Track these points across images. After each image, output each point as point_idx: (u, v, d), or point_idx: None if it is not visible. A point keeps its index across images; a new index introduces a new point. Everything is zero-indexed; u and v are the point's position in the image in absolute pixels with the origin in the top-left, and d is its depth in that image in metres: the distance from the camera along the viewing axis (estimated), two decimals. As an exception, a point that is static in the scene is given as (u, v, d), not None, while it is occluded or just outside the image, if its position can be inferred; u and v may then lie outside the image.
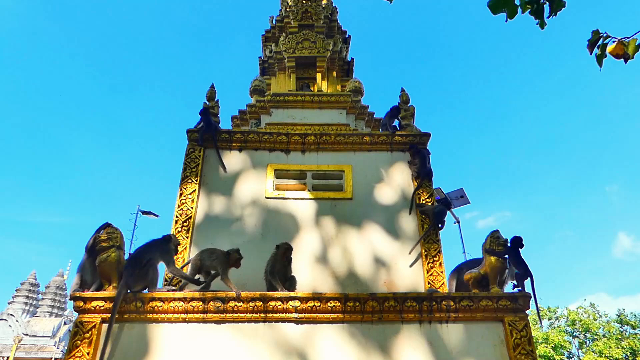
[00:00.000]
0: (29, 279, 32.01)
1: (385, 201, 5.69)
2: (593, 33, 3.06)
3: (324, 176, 5.90)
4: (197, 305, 4.22)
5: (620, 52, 2.95)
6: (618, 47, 2.96)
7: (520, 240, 4.93)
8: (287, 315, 4.28)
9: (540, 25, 3.35)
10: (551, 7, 3.27)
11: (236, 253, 4.58)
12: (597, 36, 3.05)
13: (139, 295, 4.26)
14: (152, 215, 19.56)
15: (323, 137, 6.06)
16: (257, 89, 7.20)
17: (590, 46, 3.09)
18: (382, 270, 5.20)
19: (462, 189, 14.94)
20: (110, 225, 4.70)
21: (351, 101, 6.93)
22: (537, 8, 3.29)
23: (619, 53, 2.95)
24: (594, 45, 3.07)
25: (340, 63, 8.08)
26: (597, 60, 3.06)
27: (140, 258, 4.44)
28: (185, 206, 5.45)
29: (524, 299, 4.41)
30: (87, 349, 4.02)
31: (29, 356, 26.19)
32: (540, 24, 3.35)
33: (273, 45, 8.19)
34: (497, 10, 3.29)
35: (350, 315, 4.30)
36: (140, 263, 4.41)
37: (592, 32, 3.06)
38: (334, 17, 8.56)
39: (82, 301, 4.20)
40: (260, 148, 6.02)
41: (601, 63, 3.06)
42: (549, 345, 24.53)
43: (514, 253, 4.87)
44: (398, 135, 6.12)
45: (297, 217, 5.54)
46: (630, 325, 26.46)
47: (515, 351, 4.17)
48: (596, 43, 3.06)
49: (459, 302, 4.36)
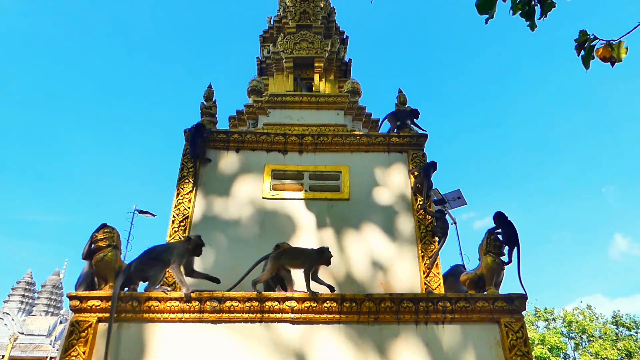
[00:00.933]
0: (25, 277, 31.93)
1: (382, 202, 5.70)
2: (580, 33, 2.99)
3: (321, 177, 5.90)
4: (193, 305, 4.22)
5: (607, 55, 2.87)
6: (605, 50, 2.88)
7: (503, 216, 5.01)
8: (283, 316, 4.28)
9: (530, 27, 3.32)
10: (542, 8, 3.24)
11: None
12: (584, 37, 2.98)
13: (135, 295, 4.25)
14: (149, 214, 19.53)
15: (320, 138, 6.06)
16: (255, 89, 7.20)
17: (577, 47, 3.01)
18: (378, 271, 5.21)
19: (459, 190, 14.92)
20: (107, 225, 4.68)
21: (349, 102, 6.93)
22: (528, 10, 3.27)
23: (606, 56, 2.87)
24: (581, 46, 3.00)
25: (337, 64, 8.09)
26: (583, 62, 2.99)
27: (154, 251, 4.44)
28: (182, 206, 5.44)
29: (520, 300, 4.42)
30: (82, 348, 4.01)
31: (24, 355, 26.11)
32: (531, 26, 3.32)
33: (271, 45, 8.20)
34: (484, 10, 3.25)
35: (347, 315, 4.31)
36: (150, 255, 4.40)
37: (579, 32, 3.00)
38: (331, 18, 8.57)
39: (78, 300, 4.19)
40: (257, 148, 6.02)
41: (588, 65, 2.98)
42: (545, 346, 24.59)
43: (502, 226, 4.97)
44: (395, 137, 6.12)
45: (294, 218, 5.55)
46: (625, 327, 26.55)
47: (511, 352, 4.18)
48: (584, 44, 2.99)
49: (455, 303, 4.37)
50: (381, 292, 4.92)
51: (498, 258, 4.72)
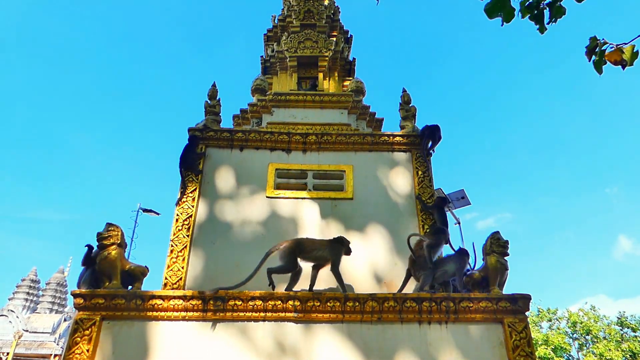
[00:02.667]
0: (29, 275, 32.12)
1: (386, 201, 5.69)
2: (591, 40, 3.04)
3: (324, 176, 5.90)
4: (196, 303, 4.23)
5: (617, 58, 2.93)
6: (616, 53, 2.94)
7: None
8: (286, 315, 4.28)
9: (540, 30, 3.34)
10: (551, 12, 3.25)
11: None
12: (594, 43, 3.03)
13: (138, 293, 4.27)
14: (153, 213, 19.61)
15: (324, 137, 6.06)
16: (259, 88, 7.20)
17: (588, 53, 3.07)
18: (382, 270, 5.21)
19: (462, 190, 14.95)
20: (111, 223, 4.70)
21: (353, 101, 6.92)
22: (537, 14, 3.28)
23: (617, 59, 2.93)
24: (592, 52, 3.06)
25: (342, 63, 8.08)
26: (595, 67, 3.04)
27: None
28: (186, 204, 5.45)
29: (524, 300, 4.41)
30: (86, 346, 4.03)
31: (28, 352, 26.27)
32: (540, 29, 3.33)
33: (275, 44, 8.20)
34: (494, 14, 3.27)
35: (350, 315, 4.31)
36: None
37: (589, 39, 3.05)
38: (336, 17, 8.56)
39: (82, 298, 4.21)
40: (261, 147, 6.02)
41: (600, 70, 3.03)
42: (549, 347, 24.54)
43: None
44: (399, 136, 6.12)
45: (298, 217, 5.55)
46: (630, 328, 26.47)
47: (515, 353, 4.17)
48: (594, 50, 3.04)
49: (459, 303, 4.36)
50: (385, 291, 4.92)
51: (502, 258, 4.71)
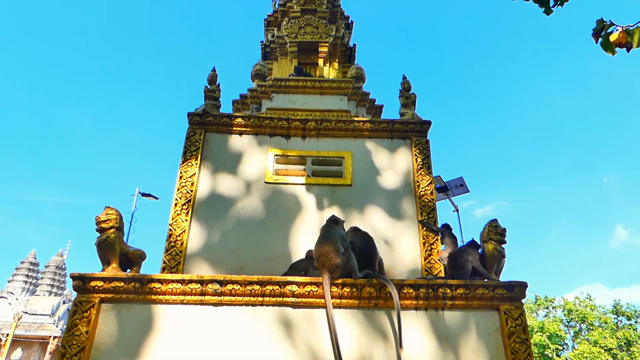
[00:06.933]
0: (28, 257, 32.20)
1: (385, 188, 5.70)
2: (597, 22, 3.01)
3: (323, 162, 5.90)
4: (195, 287, 4.25)
5: (623, 41, 2.89)
6: (622, 35, 2.89)
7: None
8: (284, 300, 4.30)
9: (546, 12, 3.32)
10: None
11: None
12: (601, 25, 3.00)
13: (137, 276, 4.28)
14: (151, 197, 19.57)
15: (323, 123, 6.04)
16: (259, 73, 7.17)
17: (595, 35, 3.04)
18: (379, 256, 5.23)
19: (461, 178, 14.92)
20: (110, 207, 4.69)
21: (352, 87, 6.90)
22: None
23: (622, 42, 2.89)
24: (598, 34, 3.03)
25: (342, 49, 8.04)
26: (603, 48, 3.01)
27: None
28: (185, 189, 5.46)
29: (520, 288, 4.43)
30: (85, 328, 4.05)
31: (28, 334, 26.45)
32: (546, 11, 3.31)
33: (275, 29, 8.14)
34: None
35: (347, 300, 4.33)
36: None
37: (596, 21, 3.02)
38: (337, 3, 8.50)
39: (82, 281, 4.23)
40: (260, 133, 6.01)
41: (612, 50, 2.97)
42: (544, 334, 24.74)
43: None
44: (398, 123, 6.10)
45: (297, 203, 5.56)
46: (626, 316, 26.70)
47: (510, 339, 4.20)
48: (601, 32, 3.01)
49: (456, 289, 4.38)
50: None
51: (499, 245, 4.74)
